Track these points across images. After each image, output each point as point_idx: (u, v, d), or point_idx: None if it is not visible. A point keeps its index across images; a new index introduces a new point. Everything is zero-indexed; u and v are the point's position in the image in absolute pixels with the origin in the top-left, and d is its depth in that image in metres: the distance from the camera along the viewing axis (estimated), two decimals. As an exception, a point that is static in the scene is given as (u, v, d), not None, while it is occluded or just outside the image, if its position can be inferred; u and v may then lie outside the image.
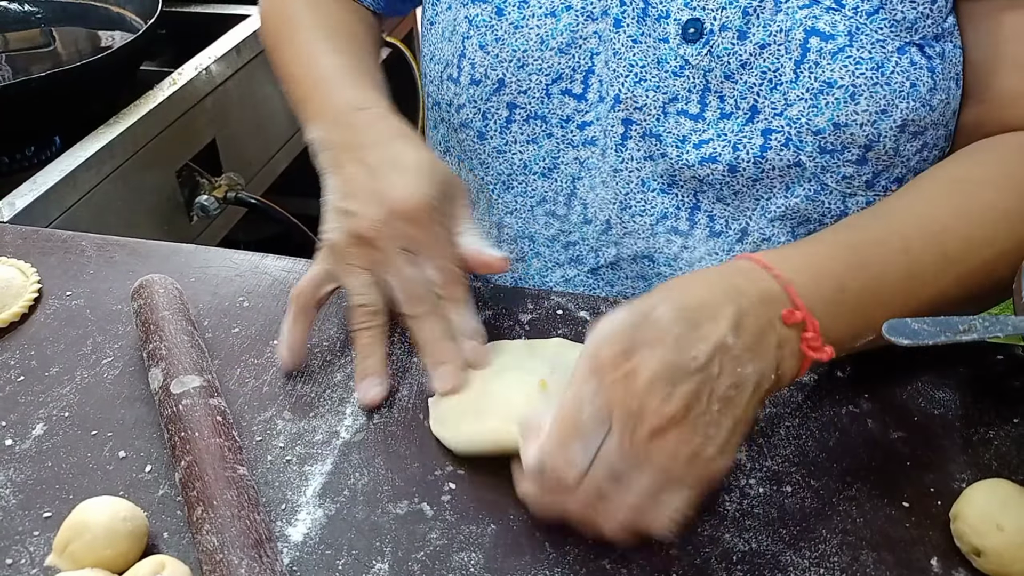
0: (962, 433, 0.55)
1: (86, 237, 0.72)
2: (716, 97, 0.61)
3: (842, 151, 0.60)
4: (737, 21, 0.59)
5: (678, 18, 0.60)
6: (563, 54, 0.64)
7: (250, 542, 0.45)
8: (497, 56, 0.65)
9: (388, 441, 0.54)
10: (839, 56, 0.57)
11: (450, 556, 0.48)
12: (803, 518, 0.50)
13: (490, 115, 0.68)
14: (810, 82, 0.58)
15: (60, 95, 1.06)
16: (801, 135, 0.60)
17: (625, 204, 0.67)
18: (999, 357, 0.60)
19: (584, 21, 0.63)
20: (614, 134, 0.64)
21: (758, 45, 0.59)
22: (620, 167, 0.65)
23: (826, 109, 0.58)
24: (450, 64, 0.68)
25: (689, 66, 0.61)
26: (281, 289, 0.66)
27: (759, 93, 0.60)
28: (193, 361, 0.55)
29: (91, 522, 0.46)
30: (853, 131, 0.59)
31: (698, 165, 0.63)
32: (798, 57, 0.58)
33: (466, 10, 0.66)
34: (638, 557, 0.47)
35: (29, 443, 0.54)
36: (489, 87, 0.67)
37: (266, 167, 1.46)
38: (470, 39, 0.66)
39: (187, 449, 0.50)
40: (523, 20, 0.64)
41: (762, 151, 0.61)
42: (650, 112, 0.63)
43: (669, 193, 0.65)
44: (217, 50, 1.29)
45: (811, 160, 0.61)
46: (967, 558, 0.47)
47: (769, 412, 0.56)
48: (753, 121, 0.60)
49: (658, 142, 0.63)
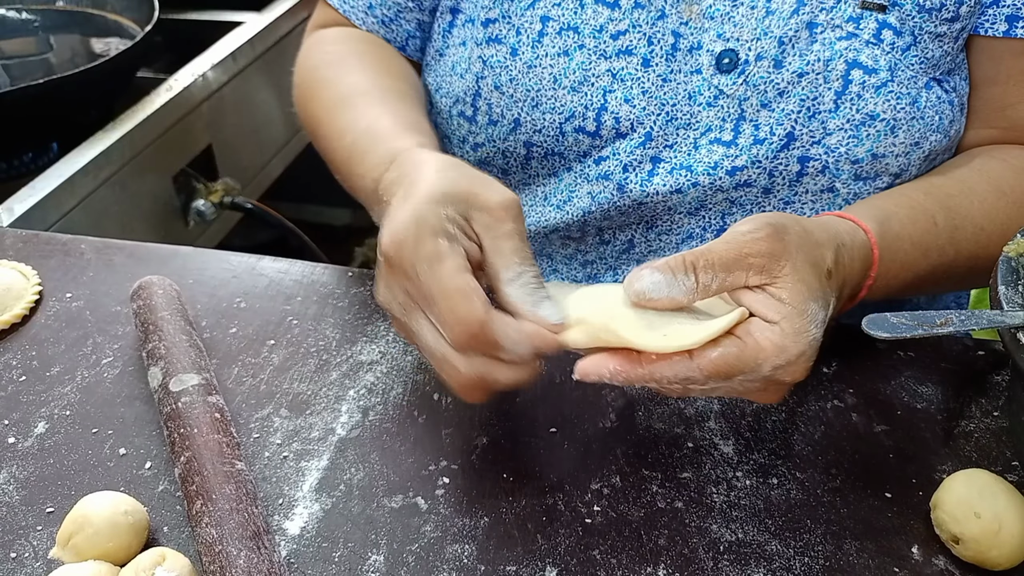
0: (944, 426, 0.56)
1: (86, 240, 0.73)
2: (751, 125, 0.61)
3: (875, 178, 0.62)
4: (773, 51, 0.60)
5: (711, 49, 0.61)
6: (575, 92, 0.64)
7: (248, 534, 0.46)
8: (512, 96, 0.65)
9: (383, 437, 0.56)
10: (882, 91, 0.59)
11: (444, 548, 0.49)
12: (788, 509, 0.51)
13: (509, 153, 0.68)
14: (851, 113, 0.60)
15: (58, 102, 1.07)
16: (839, 164, 0.61)
17: (651, 224, 0.68)
18: (980, 353, 0.62)
19: (597, 60, 0.63)
20: (641, 170, 0.64)
21: (796, 74, 0.60)
22: (645, 200, 0.65)
23: (867, 140, 0.60)
24: (462, 101, 0.68)
25: (724, 95, 0.61)
26: (277, 290, 0.68)
27: (797, 120, 0.61)
28: (191, 360, 0.57)
29: (93, 516, 0.47)
30: (888, 161, 0.61)
31: (732, 190, 0.63)
32: (839, 88, 0.59)
33: (480, 50, 0.66)
34: (627, 547, 0.49)
35: (31, 441, 0.55)
36: (506, 127, 0.67)
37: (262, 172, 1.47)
38: (485, 79, 0.66)
39: (186, 445, 0.51)
40: (536, 60, 0.64)
41: (798, 177, 0.62)
42: (681, 149, 0.63)
43: (697, 215, 0.66)
44: (213, 56, 1.30)
45: (845, 187, 0.62)
46: (946, 546, 0.48)
47: (756, 407, 0.57)
48: (789, 148, 0.61)
49: (689, 172, 0.63)
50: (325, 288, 0.68)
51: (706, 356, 0.44)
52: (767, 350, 0.44)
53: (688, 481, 0.53)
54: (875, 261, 0.54)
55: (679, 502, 0.51)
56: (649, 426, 0.56)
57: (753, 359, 0.44)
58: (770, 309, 0.45)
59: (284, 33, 1.47)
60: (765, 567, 0.48)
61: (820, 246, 0.49)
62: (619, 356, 0.46)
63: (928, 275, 0.59)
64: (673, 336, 0.45)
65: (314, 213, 1.93)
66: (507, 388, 0.48)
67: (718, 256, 0.46)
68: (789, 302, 0.45)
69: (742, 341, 0.45)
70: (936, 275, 0.59)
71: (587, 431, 0.56)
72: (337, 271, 0.70)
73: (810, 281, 0.46)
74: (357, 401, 0.58)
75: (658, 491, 0.52)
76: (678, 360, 0.45)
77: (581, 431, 0.56)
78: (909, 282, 0.58)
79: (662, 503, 0.51)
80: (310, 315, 0.65)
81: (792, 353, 0.45)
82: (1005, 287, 0.47)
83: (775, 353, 0.44)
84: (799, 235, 0.47)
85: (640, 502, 0.51)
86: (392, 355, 0.62)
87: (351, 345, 0.63)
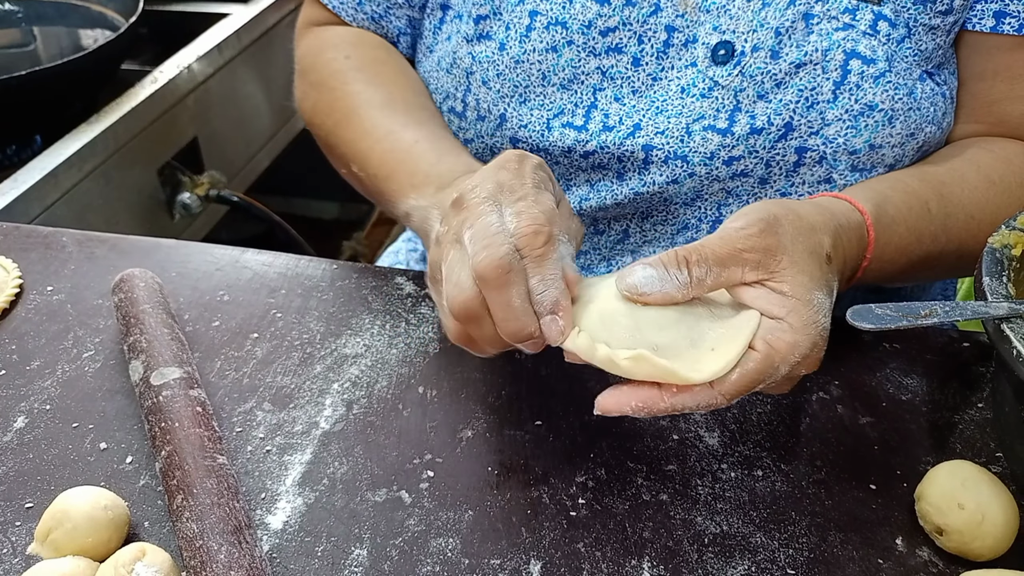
0: (928, 417, 0.56)
1: (67, 233, 0.73)
2: (746, 115, 0.61)
3: (871, 170, 0.62)
4: (770, 41, 0.59)
5: (707, 42, 0.61)
6: (565, 90, 0.63)
7: (229, 528, 0.45)
8: (499, 91, 0.65)
9: (367, 431, 0.55)
10: (880, 81, 0.59)
11: (428, 542, 0.49)
12: (773, 501, 0.51)
13: (497, 149, 0.67)
14: (850, 103, 0.59)
15: (41, 94, 1.06)
16: (836, 154, 0.61)
17: (647, 215, 0.67)
18: (965, 344, 0.62)
19: (586, 57, 0.62)
20: (635, 159, 0.64)
21: (793, 64, 0.59)
22: (642, 190, 0.65)
23: (865, 131, 0.60)
24: (452, 97, 0.68)
25: (718, 87, 0.61)
26: (261, 283, 0.67)
27: (795, 111, 0.60)
28: (173, 353, 0.56)
29: (72, 511, 0.46)
30: (884, 152, 0.61)
31: (728, 180, 0.63)
32: (838, 78, 0.59)
33: (470, 47, 0.65)
34: (612, 540, 0.49)
35: (11, 436, 0.55)
36: (493, 122, 0.66)
37: (248, 165, 1.46)
38: (474, 74, 0.65)
39: (167, 439, 0.50)
40: (524, 55, 0.63)
41: (795, 167, 0.62)
42: (673, 135, 0.62)
43: (692, 206, 0.66)
44: (199, 48, 1.29)
45: (842, 178, 0.62)
46: (930, 537, 0.48)
47: (741, 399, 0.57)
48: (787, 138, 0.61)
49: (685, 163, 0.63)
50: (309, 281, 0.67)
51: (727, 380, 0.44)
52: (781, 351, 0.44)
53: (673, 473, 0.52)
54: (871, 242, 0.54)
55: (664, 494, 0.51)
56: (634, 419, 0.56)
57: (770, 364, 0.44)
58: (773, 304, 0.45)
59: (270, 25, 1.46)
60: (750, 559, 0.48)
61: (816, 231, 0.49)
62: (642, 391, 0.45)
63: (920, 261, 0.59)
64: (703, 361, 0.44)
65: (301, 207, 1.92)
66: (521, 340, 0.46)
67: (711, 251, 0.45)
68: (792, 295, 0.45)
69: (756, 352, 0.45)
70: (928, 261, 0.60)
71: (572, 424, 0.56)
72: (322, 264, 0.69)
73: (811, 270, 0.46)
74: (341, 394, 0.58)
75: (643, 484, 0.52)
76: (700, 390, 0.45)
77: (567, 424, 0.56)
78: (902, 267, 0.58)
79: (647, 495, 0.51)
80: (294, 308, 0.65)
81: (805, 347, 0.45)
82: (989, 278, 0.47)
83: (789, 352, 0.44)
84: (793, 225, 0.47)
85: (625, 495, 0.51)
86: (377, 348, 0.61)
87: (335, 338, 0.62)
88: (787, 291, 0.45)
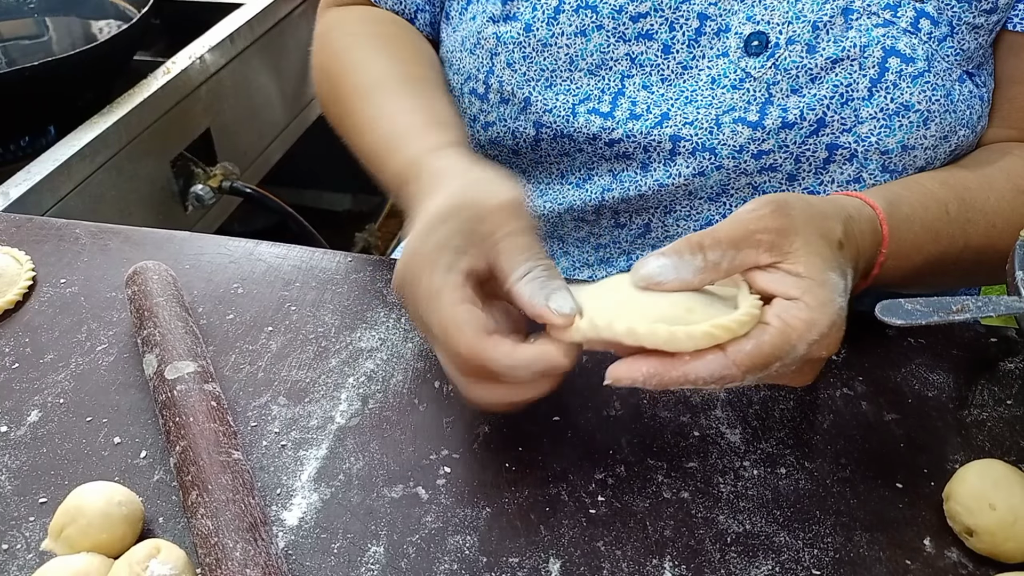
0: (955, 415, 0.55)
1: (80, 225, 0.72)
2: (778, 108, 0.60)
3: (902, 171, 0.61)
4: (806, 35, 0.58)
5: (740, 32, 0.59)
6: (592, 75, 0.62)
7: (245, 525, 0.45)
8: (524, 74, 0.63)
9: (383, 426, 0.55)
10: (918, 81, 0.57)
11: (445, 539, 0.48)
12: (797, 499, 0.50)
13: (519, 134, 0.66)
14: (885, 102, 0.58)
15: (54, 85, 1.05)
16: (868, 153, 0.60)
17: (670, 209, 0.66)
18: (992, 340, 0.61)
19: (615, 42, 0.61)
20: (661, 150, 0.62)
21: (830, 59, 0.58)
22: (667, 182, 0.63)
23: (898, 131, 0.59)
24: (473, 78, 0.67)
25: (750, 78, 0.60)
26: (275, 276, 0.66)
27: (828, 107, 0.59)
28: (187, 347, 0.55)
29: (86, 507, 0.46)
30: (917, 154, 0.60)
31: (756, 174, 0.62)
32: (875, 76, 0.58)
33: (495, 27, 0.64)
34: (632, 539, 0.48)
35: (24, 430, 0.54)
36: (517, 106, 0.65)
37: (261, 157, 1.45)
38: (498, 56, 0.64)
39: (182, 434, 0.50)
40: (551, 38, 0.62)
41: (825, 164, 0.61)
42: (701, 126, 0.61)
43: (717, 201, 0.65)
44: (211, 39, 1.28)
45: (872, 178, 0.61)
46: (959, 538, 0.47)
47: (764, 395, 0.56)
48: (819, 134, 0.60)
49: (713, 155, 0.61)
50: (324, 273, 0.67)
51: (741, 350, 0.43)
52: (798, 328, 0.43)
53: (694, 471, 0.52)
54: (885, 236, 0.53)
55: (685, 492, 0.50)
56: (654, 414, 0.55)
57: (787, 341, 0.43)
58: (789, 286, 0.44)
59: (283, 15, 1.45)
60: (774, 559, 0.47)
61: (828, 218, 0.48)
62: (652, 358, 0.44)
63: (937, 261, 0.57)
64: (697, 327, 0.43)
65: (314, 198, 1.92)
66: (529, 403, 0.48)
67: (725, 234, 0.45)
68: (807, 275, 0.44)
69: (772, 326, 0.43)
70: (945, 262, 0.58)
71: (591, 420, 0.55)
72: (336, 256, 0.69)
73: (823, 252, 0.45)
74: (357, 389, 0.57)
75: (664, 481, 0.51)
76: (712, 358, 0.43)
77: (585, 420, 0.55)
78: (919, 266, 0.57)
79: (668, 493, 0.50)
80: (309, 301, 0.64)
81: (823, 325, 0.43)
82: (1023, 272, 0.46)
83: (806, 329, 0.43)
84: (804, 210, 0.47)
85: (645, 492, 0.50)
86: (392, 342, 0.61)
87: (350, 332, 0.61)
88: (802, 271, 0.44)
